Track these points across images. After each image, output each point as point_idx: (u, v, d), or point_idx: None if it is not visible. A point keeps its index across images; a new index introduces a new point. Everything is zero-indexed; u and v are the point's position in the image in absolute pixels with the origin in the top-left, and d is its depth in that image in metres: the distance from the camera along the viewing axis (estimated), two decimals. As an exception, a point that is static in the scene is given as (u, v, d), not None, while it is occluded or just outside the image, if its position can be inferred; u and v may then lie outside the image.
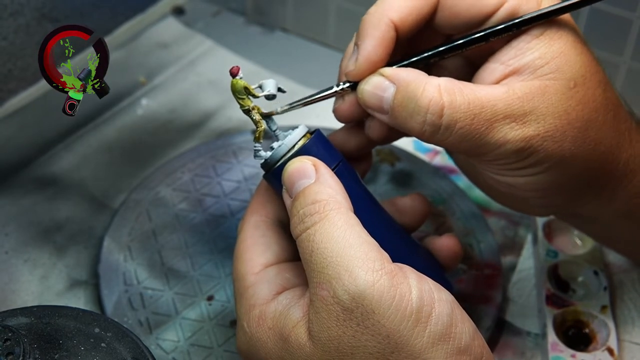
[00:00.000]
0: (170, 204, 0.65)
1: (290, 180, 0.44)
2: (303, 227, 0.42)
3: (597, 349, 0.56)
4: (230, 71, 0.47)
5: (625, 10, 0.67)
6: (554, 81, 0.45)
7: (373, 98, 0.46)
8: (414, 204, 0.52)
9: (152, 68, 0.79)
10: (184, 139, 0.72)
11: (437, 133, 0.45)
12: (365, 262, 0.40)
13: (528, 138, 0.44)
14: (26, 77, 0.73)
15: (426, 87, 0.44)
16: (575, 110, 0.45)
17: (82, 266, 0.61)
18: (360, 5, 0.79)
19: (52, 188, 0.67)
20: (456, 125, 0.44)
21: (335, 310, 0.40)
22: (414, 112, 0.44)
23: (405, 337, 0.39)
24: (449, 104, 0.44)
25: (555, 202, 0.49)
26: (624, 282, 0.62)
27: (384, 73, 0.46)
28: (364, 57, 0.47)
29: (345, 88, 0.48)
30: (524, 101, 0.44)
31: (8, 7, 0.68)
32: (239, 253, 0.48)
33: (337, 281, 0.40)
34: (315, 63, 0.82)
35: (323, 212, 0.42)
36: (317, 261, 0.41)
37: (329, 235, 0.41)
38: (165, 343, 0.56)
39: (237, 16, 0.87)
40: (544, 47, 0.45)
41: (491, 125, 0.44)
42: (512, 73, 0.46)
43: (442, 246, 0.51)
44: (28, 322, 0.44)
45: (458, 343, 0.40)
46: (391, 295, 0.39)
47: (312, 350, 0.41)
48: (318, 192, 0.43)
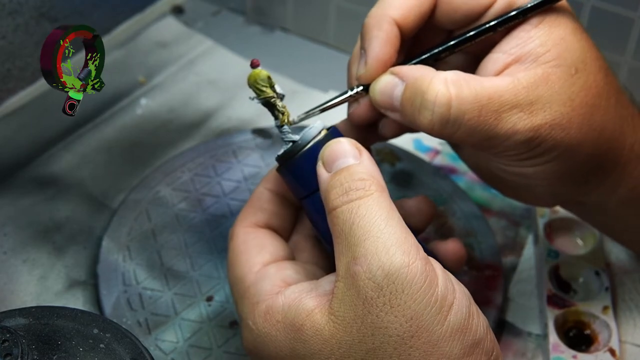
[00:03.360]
0: (169, 203, 0.65)
1: (333, 156, 0.45)
2: (346, 198, 0.42)
3: (599, 350, 0.56)
4: (252, 63, 0.47)
5: (627, 9, 0.67)
6: (556, 68, 0.45)
7: (384, 97, 0.47)
8: (420, 206, 0.52)
9: (151, 68, 0.79)
10: (183, 139, 0.72)
11: (446, 126, 0.45)
12: (404, 244, 0.41)
13: (536, 127, 0.45)
14: (25, 76, 0.73)
15: (433, 81, 0.45)
16: (579, 97, 0.46)
17: (81, 266, 0.61)
18: (360, 5, 0.79)
19: (51, 188, 0.66)
20: (464, 117, 0.44)
21: (366, 286, 0.40)
22: (421, 106, 0.45)
23: (427, 322, 0.39)
24: (456, 96, 0.44)
25: (563, 190, 0.49)
26: (625, 282, 0.62)
27: (394, 71, 0.47)
28: (373, 58, 0.47)
29: (360, 91, 0.49)
30: (529, 90, 0.45)
31: (6, 6, 0.68)
32: (234, 258, 0.48)
33: (374, 256, 0.40)
34: (315, 63, 0.82)
35: (369, 189, 0.42)
36: (356, 234, 0.41)
37: (374, 211, 0.41)
38: (165, 344, 0.56)
39: (237, 16, 0.87)
40: (544, 35, 0.46)
41: (499, 116, 0.44)
42: (514, 61, 0.46)
43: (447, 250, 0.51)
44: (26, 322, 0.44)
45: (473, 336, 0.40)
46: (422, 279, 0.40)
47: (332, 332, 0.41)
48: (366, 172, 0.43)
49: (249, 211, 0.50)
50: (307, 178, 0.46)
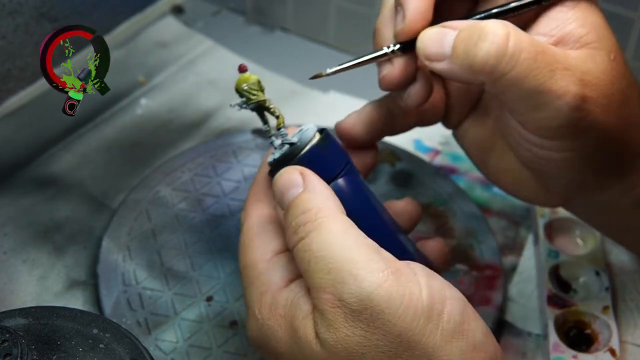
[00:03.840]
0: (169, 203, 0.65)
1: (280, 193, 0.44)
2: (297, 238, 0.42)
3: (599, 350, 0.56)
4: (240, 67, 0.47)
5: (627, 9, 0.67)
6: (598, 50, 0.45)
7: (435, 43, 0.45)
8: (406, 207, 0.51)
9: (151, 67, 0.79)
10: (183, 139, 0.72)
11: (502, 61, 0.43)
12: (368, 264, 0.40)
13: (585, 97, 0.44)
14: (25, 76, 0.73)
15: (489, 23, 0.43)
16: (618, 82, 0.45)
17: (81, 266, 0.61)
18: (360, 5, 0.79)
19: (51, 188, 0.66)
20: (521, 54, 0.43)
21: (342, 312, 0.39)
22: (479, 39, 0.43)
23: (418, 335, 0.39)
24: (515, 32, 0.43)
25: (582, 183, 0.49)
26: (625, 283, 0.61)
27: (444, 24, 0.45)
28: (413, 10, 0.45)
29: (396, 50, 0.47)
30: (579, 61, 0.44)
31: (6, 6, 0.68)
32: (247, 241, 0.47)
33: (342, 285, 0.39)
34: (315, 63, 0.81)
35: (315, 220, 0.41)
36: (317, 269, 0.40)
37: (326, 242, 0.40)
38: (164, 344, 0.56)
39: (237, 16, 0.87)
40: (582, 17, 0.45)
41: (554, 71, 0.43)
42: (557, 42, 0.45)
43: (430, 250, 0.51)
44: (26, 323, 0.44)
45: (472, 340, 0.40)
46: (400, 294, 0.39)
47: (320, 351, 0.41)
48: (308, 200, 0.42)
49: (260, 190, 0.49)
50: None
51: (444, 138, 0.72)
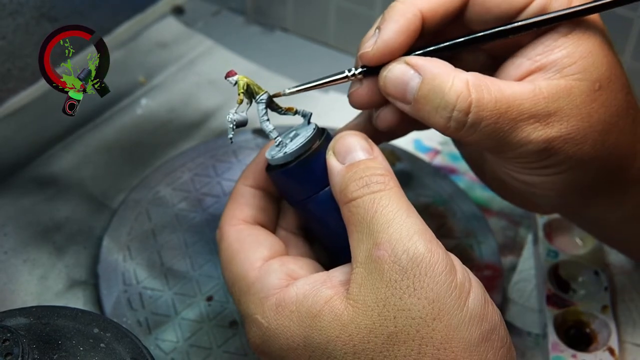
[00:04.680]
0: (169, 203, 0.65)
1: (348, 148, 0.45)
2: (367, 190, 0.43)
3: (598, 349, 0.56)
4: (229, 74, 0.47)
5: (627, 9, 0.67)
6: (579, 82, 0.45)
7: (396, 86, 0.45)
8: None
9: (151, 68, 0.79)
10: (183, 139, 0.72)
11: (462, 130, 0.44)
12: (426, 234, 0.42)
13: (550, 139, 0.44)
14: (25, 76, 0.73)
15: (454, 82, 0.44)
16: (598, 113, 0.45)
17: (82, 266, 0.61)
18: (360, 5, 0.79)
19: (51, 188, 0.66)
20: (482, 123, 0.44)
21: (391, 269, 0.40)
22: (440, 106, 0.44)
23: (448, 306, 0.40)
24: (477, 101, 0.43)
25: (566, 201, 0.49)
26: (625, 283, 0.62)
27: (410, 62, 0.45)
28: (384, 41, 0.46)
29: (357, 74, 0.47)
30: (549, 101, 0.44)
31: (7, 6, 0.68)
32: (229, 258, 0.47)
33: (398, 242, 0.41)
34: (315, 63, 0.82)
35: (389, 184, 0.43)
36: (379, 221, 0.42)
37: (395, 202, 0.42)
38: (165, 343, 0.56)
39: (237, 16, 0.87)
40: (572, 46, 0.45)
41: (516, 124, 0.44)
42: (537, 69, 0.45)
43: None
44: (27, 322, 0.44)
45: (490, 323, 0.41)
46: (444, 264, 0.41)
47: (351, 317, 0.41)
48: (383, 168, 0.44)
49: (235, 208, 0.49)
50: (313, 179, 0.46)
51: (444, 138, 0.72)
